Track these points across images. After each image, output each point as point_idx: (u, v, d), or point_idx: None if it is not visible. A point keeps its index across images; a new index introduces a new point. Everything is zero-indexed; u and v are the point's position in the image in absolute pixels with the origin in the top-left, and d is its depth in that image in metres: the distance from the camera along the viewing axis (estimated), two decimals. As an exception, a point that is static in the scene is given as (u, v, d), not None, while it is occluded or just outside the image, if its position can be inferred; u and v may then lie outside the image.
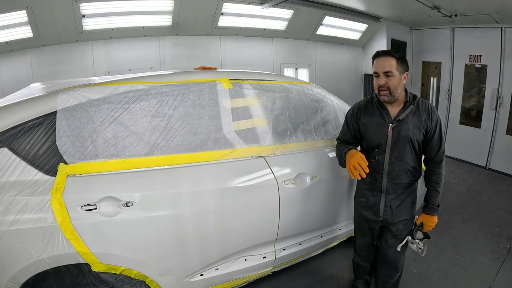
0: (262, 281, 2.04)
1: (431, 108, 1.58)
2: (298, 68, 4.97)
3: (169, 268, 1.53)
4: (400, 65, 1.52)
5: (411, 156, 1.59)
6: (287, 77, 2.21)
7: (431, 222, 1.63)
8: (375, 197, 1.68)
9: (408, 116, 1.56)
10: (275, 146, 1.82)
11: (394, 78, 1.51)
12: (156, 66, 3.83)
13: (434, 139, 1.57)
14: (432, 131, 1.56)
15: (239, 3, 3.82)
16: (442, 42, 4.77)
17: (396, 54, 1.53)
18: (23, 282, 1.25)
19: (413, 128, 1.55)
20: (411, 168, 1.60)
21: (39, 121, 1.31)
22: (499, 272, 2.18)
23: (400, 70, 1.52)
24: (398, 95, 1.54)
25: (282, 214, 1.78)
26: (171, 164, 1.51)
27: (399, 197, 1.64)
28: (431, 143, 1.58)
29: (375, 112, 1.62)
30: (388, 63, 1.51)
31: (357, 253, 1.90)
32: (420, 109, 1.57)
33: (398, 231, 1.66)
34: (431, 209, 1.62)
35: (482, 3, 3.52)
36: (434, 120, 1.56)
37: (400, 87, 1.54)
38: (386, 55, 1.53)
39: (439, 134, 1.58)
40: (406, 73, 1.55)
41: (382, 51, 1.55)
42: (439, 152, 1.59)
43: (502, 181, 3.92)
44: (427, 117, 1.56)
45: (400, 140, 1.56)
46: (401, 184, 1.62)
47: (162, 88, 1.58)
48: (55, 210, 1.24)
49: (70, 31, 3.18)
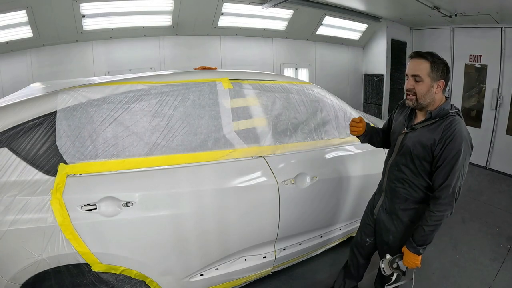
0: (262, 281, 2.04)
1: (451, 133, 1.30)
2: (298, 68, 4.97)
3: (169, 268, 1.53)
4: (435, 71, 1.33)
5: (411, 171, 1.43)
6: (287, 77, 2.21)
7: (408, 258, 1.41)
8: (379, 195, 1.66)
9: (424, 128, 1.39)
10: (275, 146, 1.82)
11: (423, 85, 1.34)
12: (156, 66, 3.82)
13: (440, 169, 1.33)
14: (441, 159, 1.32)
15: (239, 3, 3.82)
16: (442, 42, 4.77)
17: (432, 58, 1.34)
18: (23, 282, 1.25)
19: (417, 143, 1.38)
20: (410, 183, 1.45)
21: (39, 121, 1.31)
22: (499, 272, 2.18)
23: (433, 76, 1.33)
24: (426, 104, 1.37)
25: (282, 214, 1.78)
26: (171, 164, 1.51)
27: (395, 206, 1.52)
28: (437, 172, 1.34)
29: (404, 113, 1.54)
30: (419, 66, 1.34)
31: (351, 249, 1.83)
32: (440, 127, 1.34)
33: (389, 241, 1.55)
34: (410, 243, 1.40)
35: (482, 3, 3.52)
36: (448, 148, 1.30)
37: (429, 96, 1.35)
38: (419, 57, 1.35)
39: (449, 168, 1.30)
40: (441, 81, 1.35)
41: (416, 52, 1.38)
42: (441, 187, 1.33)
43: (502, 181, 3.92)
44: (440, 140, 1.32)
45: (403, 148, 1.46)
46: (397, 194, 1.50)
47: (162, 88, 1.58)
48: (55, 210, 1.24)
49: (70, 31, 3.18)
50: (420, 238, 1.38)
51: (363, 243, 1.74)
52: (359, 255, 1.79)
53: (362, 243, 1.75)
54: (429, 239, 1.38)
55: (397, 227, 1.52)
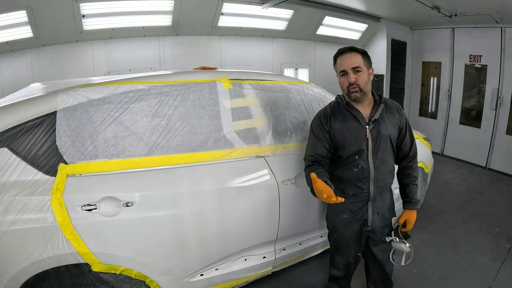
0: (262, 281, 2.03)
1: (398, 104, 1.59)
2: (298, 68, 4.97)
3: (169, 268, 1.53)
4: (366, 60, 1.48)
5: (392, 156, 1.57)
6: (287, 77, 2.21)
7: (412, 217, 1.58)
8: (361, 209, 1.55)
9: (382, 114, 1.51)
10: (275, 146, 1.82)
11: (363, 74, 1.45)
12: (156, 66, 3.83)
13: (407, 135, 1.58)
14: (404, 127, 1.56)
15: (239, 3, 3.82)
16: (442, 42, 4.77)
17: (361, 49, 1.50)
18: (23, 282, 1.25)
19: (391, 126, 1.52)
20: (392, 168, 1.59)
21: (39, 121, 1.31)
22: (499, 272, 2.18)
23: (367, 65, 1.48)
24: (368, 92, 1.49)
25: (282, 214, 1.78)
26: (171, 164, 1.51)
27: (384, 201, 1.58)
28: (405, 139, 1.57)
29: (347, 116, 1.50)
30: (355, 59, 1.45)
31: (337, 268, 1.73)
32: (390, 107, 1.55)
33: (385, 235, 1.59)
34: (414, 203, 1.58)
35: (482, 3, 3.52)
36: (404, 116, 1.57)
37: (369, 83, 1.49)
38: (351, 51, 1.47)
39: (410, 130, 1.59)
40: (371, 69, 1.51)
41: (346, 48, 1.49)
42: (413, 147, 1.59)
43: (502, 181, 3.92)
44: (399, 114, 1.56)
45: (381, 141, 1.49)
46: (386, 187, 1.57)
47: (162, 88, 1.58)
48: (55, 210, 1.24)
49: (70, 31, 3.18)
50: (416, 192, 1.59)
51: (357, 260, 1.69)
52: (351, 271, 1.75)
53: (355, 261, 1.69)
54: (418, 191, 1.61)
55: (390, 216, 1.62)
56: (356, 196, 1.54)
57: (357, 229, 1.59)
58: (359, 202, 1.55)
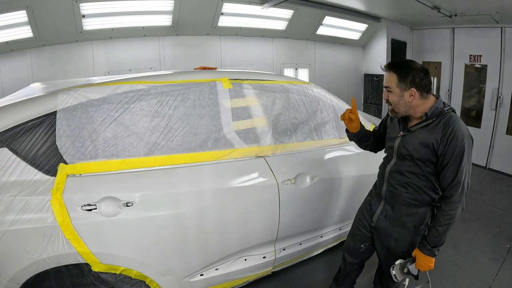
0: (262, 281, 2.03)
1: (451, 130, 1.30)
2: (298, 68, 4.97)
3: (169, 268, 1.53)
4: (402, 81, 1.36)
5: (416, 175, 1.41)
6: (287, 77, 2.21)
7: (422, 261, 1.40)
8: (377, 202, 1.60)
9: (420, 129, 1.39)
10: (275, 146, 1.82)
11: (393, 95, 1.40)
12: (156, 66, 3.83)
13: (447, 168, 1.32)
14: (446, 158, 1.31)
15: (239, 3, 3.82)
16: (442, 42, 4.77)
17: (399, 69, 1.38)
18: (23, 282, 1.25)
19: (418, 145, 1.37)
20: (414, 186, 1.42)
21: (39, 121, 1.31)
22: (499, 272, 2.18)
23: (401, 86, 1.36)
24: (403, 112, 1.41)
25: (282, 214, 1.78)
26: (171, 164, 1.51)
27: (397, 212, 1.49)
28: (444, 171, 1.33)
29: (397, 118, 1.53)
30: (389, 78, 1.41)
31: (346, 249, 1.77)
32: (439, 126, 1.34)
33: (390, 247, 1.53)
34: (424, 246, 1.39)
35: (482, 3, 3.52)
36: (452, 146, 1.29)
37: (402, 105, 1.39)
38: (388, 69, 1.41)
39: (455, 165, 1.30)
40: (412, 90, 1.35)
41: (387, 65, 1.43)
42: (450, 186, 1.32)
43: (502, 181, 3.92)
44: (442, 139, 1.31)
45: (402, 153, 1.44)
46: (400, 199, 1.47)
47: (162, 88, 1.58)
48: (55, 210, 1.24)
49: (70, 31, 3.18)
50: (434, 239, 1.38)
51: (357, 249, 1.71)
52: (351, 260, 1.76)
53: (355, 249, 1.71)
54: (442, 239, 1.38)
55: (399, 233, 1.50)
56: (376, 187, 1.64)
57: (367, 213, 1.65)
58: (377, 194, 1.62)
